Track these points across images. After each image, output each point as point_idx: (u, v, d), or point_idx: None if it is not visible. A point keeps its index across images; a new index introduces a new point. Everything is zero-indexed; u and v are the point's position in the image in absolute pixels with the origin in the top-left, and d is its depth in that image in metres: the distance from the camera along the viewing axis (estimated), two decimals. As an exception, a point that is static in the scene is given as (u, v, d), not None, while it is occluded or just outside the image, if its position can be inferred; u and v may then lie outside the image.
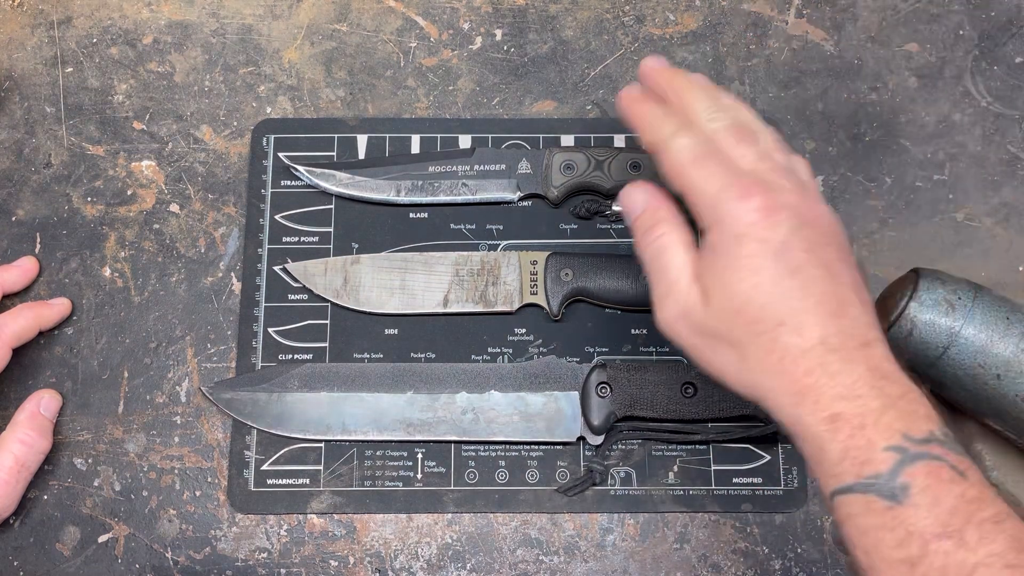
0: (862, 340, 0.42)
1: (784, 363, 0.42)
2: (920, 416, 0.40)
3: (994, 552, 0.37)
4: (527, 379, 0.59)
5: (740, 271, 0.43)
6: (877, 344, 0.42)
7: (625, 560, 0.57)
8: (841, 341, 0.41)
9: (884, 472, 0.39)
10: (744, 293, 0.42)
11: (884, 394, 0.40)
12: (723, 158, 0.45)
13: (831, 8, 0.67)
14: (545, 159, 0.62)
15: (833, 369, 0.41)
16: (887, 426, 0.39)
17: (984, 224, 0.62)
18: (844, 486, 0.40)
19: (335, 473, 0.58)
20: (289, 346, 0.60)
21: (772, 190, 0.43)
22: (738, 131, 0.46)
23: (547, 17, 0.67)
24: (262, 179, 0.63)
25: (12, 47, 0.67)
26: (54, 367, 0.60)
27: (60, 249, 0.62)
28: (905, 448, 0.39)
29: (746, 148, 0.45)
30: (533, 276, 0.60)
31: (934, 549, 0.37)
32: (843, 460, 0.40)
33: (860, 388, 0.40)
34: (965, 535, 0.37)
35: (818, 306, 0.42)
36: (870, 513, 0.39)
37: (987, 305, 0.49)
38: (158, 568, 0.57)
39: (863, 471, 0.39)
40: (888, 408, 0.40)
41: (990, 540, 0.37)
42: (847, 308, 0.42)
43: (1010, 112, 0.64)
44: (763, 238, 0.42)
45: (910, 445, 0.39)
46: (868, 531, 0.39)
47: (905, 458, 0.39)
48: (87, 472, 0.59)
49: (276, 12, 0.67)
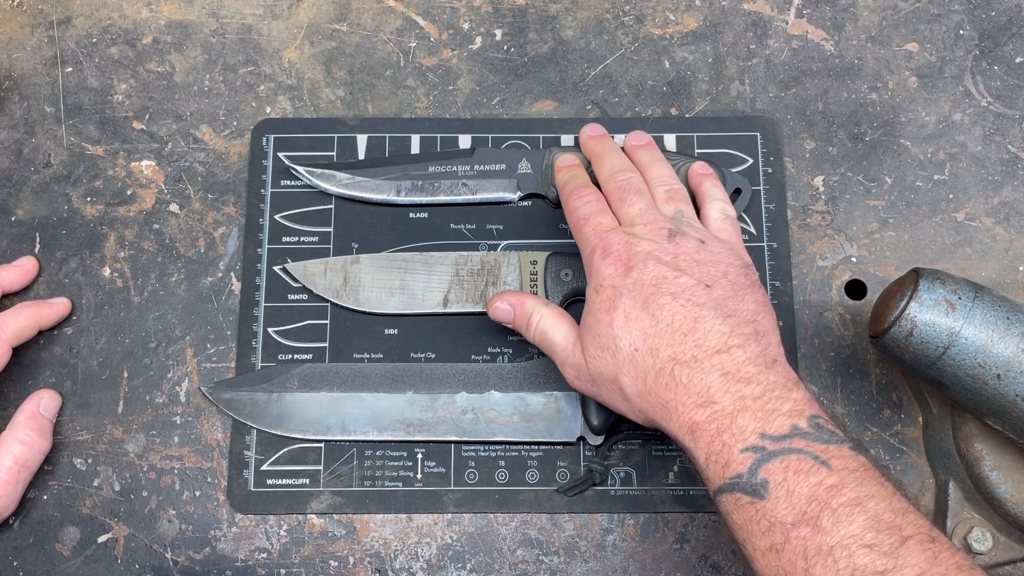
0: (716, 349, 0.46)
1: (647, 383, 0.47)
2: (781, 413, 0.44)
3: (851, 533, 0.40)
4: (527, 379, 0.59)
5: (599, 313, 0.49)
6: (735, 350, 0.46)
7: (625, 560, 0.57)
8: (693, 354, 0.46)
9: (744, 472, 0.43)
10: (605, 332, 0.49)
11: (738, 396, 0.45)
12: (602, 219, 0.53)
13: (831, 8, 0.67)
14: (545, 159, 0.62)
15: (685, 380, 0.46)
16: (742, 428, 0.44)
17: (984, 224, 0.62)
18: (716, 488, 0.44)
19: (335, 473, 0.58)
20: (289, 346, 0.60)
21: (632, 244, 0.50)
22: (627, 190, 0.54)
23: (547, 17, 0.67)
24: (262, 179, 0.63)
25: (12, 47, 0.67)
26: (54, 367, 0.60)
27: (60, 249, 0.62)
28: (762, 447, 0.43)
29: (630, 206, 0.53)
30: (533, 276, 0.60)
31: (794, 536, 0.41)
32: (708, 465, 0.45)
33: (714, 394, 0.45)
34: (820, 521, 0.41)
35: (667, 329, 0.47)
36: (739, 509, 0.43)
37: (987, 305, 0.49)
38: (158, 568, 0.57)
39: (725, 473, 0.44)
40: (742, 411, 0.44)
41: (847, 522, 0.40)
42: (698, 324, 0.47)
43: (1010, 112, 0.64)
44: (615, 284, 0.49)
45: (768, 443, 0.43)
46: (742, 525, 0.43)
47: (762, 457, 0.43)
48: (87, 472, 0.59)
49: (276, 12, 0.67)
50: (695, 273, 0.49)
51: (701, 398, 0.45)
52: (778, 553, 0.41)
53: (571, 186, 0.56)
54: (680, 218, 0.53)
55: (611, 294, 0.49)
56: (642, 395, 0.48)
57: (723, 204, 0.56)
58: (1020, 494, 0.53)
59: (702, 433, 0.45)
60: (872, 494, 0.41)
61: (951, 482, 0.56)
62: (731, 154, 0.63)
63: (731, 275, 0.50)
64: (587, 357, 0.50)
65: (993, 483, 0.54)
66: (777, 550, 0.41)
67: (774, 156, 0.63)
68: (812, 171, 0.63)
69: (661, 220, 0.52)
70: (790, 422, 0.44)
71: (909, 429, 0.59)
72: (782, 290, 0.61)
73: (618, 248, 0.50)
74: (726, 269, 0.50)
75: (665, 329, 0.47)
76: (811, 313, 0.61)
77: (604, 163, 0.57)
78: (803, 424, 0.44)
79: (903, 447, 0.58)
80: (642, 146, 0.59)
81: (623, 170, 0.56)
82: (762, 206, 0.62)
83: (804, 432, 0.43)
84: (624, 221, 0.53)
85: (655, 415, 0.47)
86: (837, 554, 0.40)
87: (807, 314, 0.61)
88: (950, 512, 0.56)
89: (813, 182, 0.63)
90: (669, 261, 0.50)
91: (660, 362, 0.47)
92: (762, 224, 0.62)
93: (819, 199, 0.63)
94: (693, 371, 0.46)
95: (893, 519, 0.40)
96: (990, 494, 0.54)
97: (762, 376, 0.45)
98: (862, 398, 0.59)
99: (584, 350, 0.50)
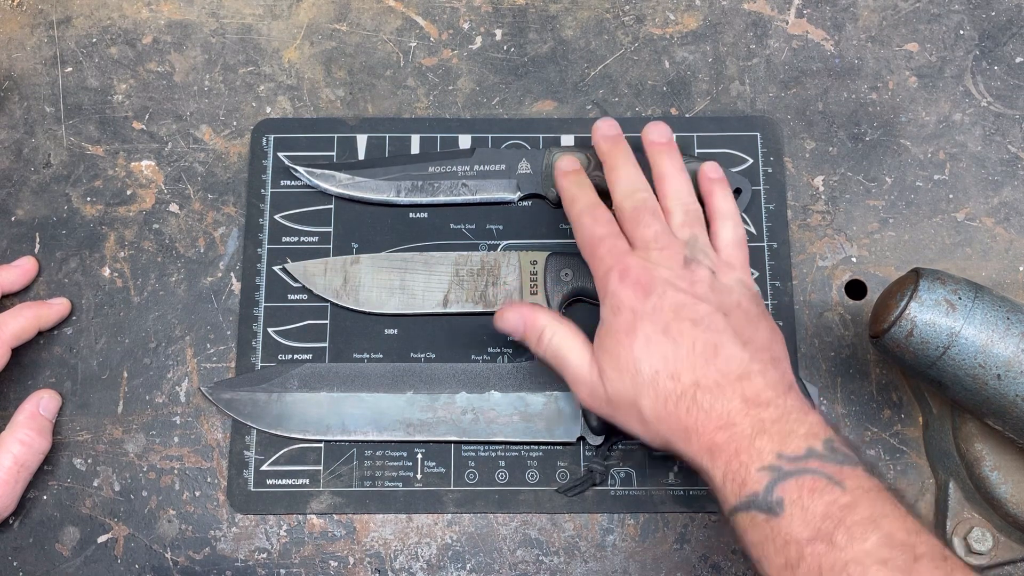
0: (737, 375, 0.47)
1: (668, 407, 0.48)
2: (798, 436, 0.45)
3: (865, 550, 0.41)
4: (527, 379, 0.59)
5: (618, 335, 0.50)
6: (755, 376, 0.47)
7: (625, 560, 0.57)
8: (715, 380, 0.47)
9: (760, 491, 0.44)
10: (624, 355, 0.49)
11: (757, 420, 0.46)
12: (616, 241, 0.53)
13: (831, 8, 0.67)
14: (545, 159, 0.62)
15: (706, 405, 0.47)
16: (759, 449, 0.45)
17: (984, 224, 0.62)
18: (732, 507, 0.45)
19: (335, 473, 0.58)
20: (289, 346, 0.60)
21: (650, 269, 0.51)
22: (642, 212, 0.54)
23: (547, 17, 0.67)
24: (262, 179, 0.63)
25: (12, 47, 0.67)
26: (53, 367, 0.60)
27: (59, 249, 0.62)
28: (779, 467, 0.44)
29: (645, 228, 0.53)
30: (533, 276, 0.60)
31: (809, 552, 0.42)
32: (726, 484, 0.45)
33: (734, 417, 0.46)
34: (835, 537, 0.41)
35: (689, 354, 0.48)
36: (755, 527, 0.44)
37: (987, 305, 0.49)
38: (158, 568, 0.57)
39: (742, 491, 0.45)
40: (760, 433, 0.45)
41: (861, 540, 0.41)
42: (720, 351, 0.48)
43: (1010, 112, 0.64)
44: (635, 308, 0.50)
45: (784, 463, 0.44)
46: (757, 543, 0.44)
47: (778, 476, 0.44)
48: (87, 472, 0.59)
49: (276, 12, 0.67)
50: (712, 301, 0.50)
51: (722, 421, 0.46)
52: (793, 570, 0.42)
53: (582, 204, 0.56)
54: (695, 245, 0.53)
55: (630, 318, 0.50)
56: (661, 419, 0.48)
57: (734, 224, 0.56)
58: (1020, 494, 0.53)
59: (720, 453, 0.46)
60: (886, 513, 0.42)
61: (951, 482, 0.56)
62: (731, 154, 0.63)
63: (744, 305, 0.51)
64: (605, 379, 0.50)
65: (993, 483, 0.54)
66: (792, 567, 0.42)
67: (774, 156, 0.63)
68: (812, 171, 0.63)
69: (676, 245, 0.52)
70: (806, 444, 0.45)
71: (909, 429, 0.59)
72: (782, 290, 0.61)
73: (636, 273, 0.51)
74: (739, 299, 0.51)
75: (687, 355, 0.48)
76: (811, 313, 0.61)
77: (620, 178, 0.56)
78: (818, 446, 0.45)
79: (903, 447, 0.58)
80: (663, 147, 0.57)
81: (639, 189, 0.55)
82: (762, 206, 0.62)
83: (819, 454, 0.44)
84: (638, 243, 0.53)
85: (673, 438, 0.48)
86: (852, 569, 0.40)
87: (807, 314, 0.61)
88: (950, 512, 0.56)
89: (813, 182, 0.63)
90: (686, 288, 0.50)
91: (682, 387, 0.48)
92: (762, 224, 0.62)
93: (819, 199, 0.63)
94: (715, 397, 0.47)
95: (907, 538, 0.41)
96: (990, 494, 0.54)
97: (780, 400, 0.47)
98: (862, 398, 0.59)
99: (601, 371, 0.50)
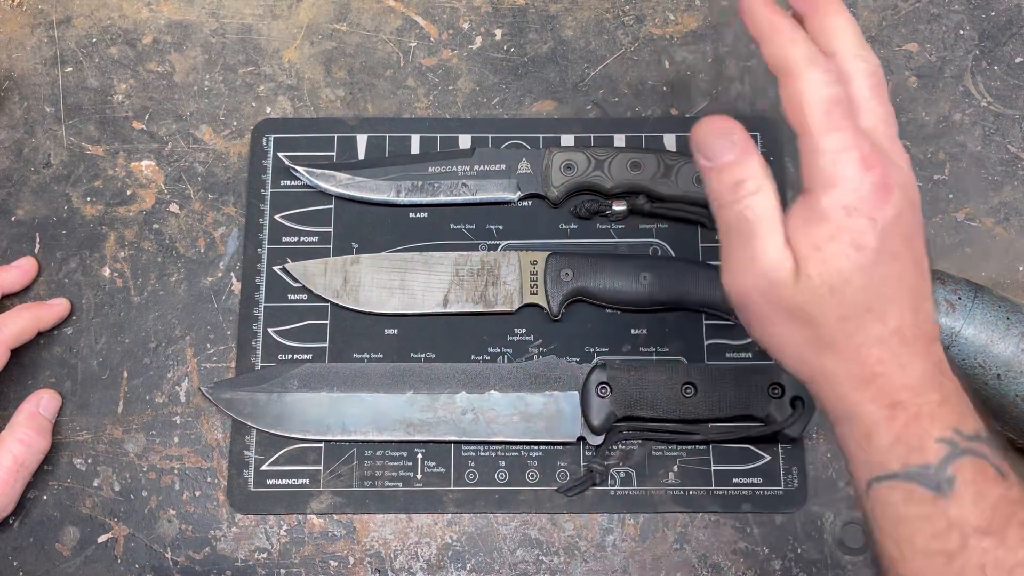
0: (931, 335, 0.41)
1: (860, 349, 0.40)
2: (969, 414, 0.40)
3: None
4: (527, 379, 0.59)
5: (844, 245, 0.40)
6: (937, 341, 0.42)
7: (625, 560, 0.57)
8: (914, 335, 0.40)
9: (933, 463, 0.39)
10: (843, 272, 0.40)
11: (943, 389, 0.40)
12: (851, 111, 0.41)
13: (831, 8, 0.66)
14: (545, 159, 0.62)
15: (903, 360, 0.40)
16: (942, 419, 0.39)
17: (984, 224, 0.62)
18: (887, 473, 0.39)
19: (335, 473, 0.58)
20: (289, 346, 0.60)
21: (889, 164, 0.41)
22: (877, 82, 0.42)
23: (547, 17, 0.67)
24: (262, 179, 0.63)
25: (12, 47, 0.67)
26: (53, 367, 0.60)
27: (59, 249, 0.62)
28: (955, 442, 0.39)
29: (876, 105, 0.42)
30: (533, 276, 0.60)
31: (973, 544, 0.37)
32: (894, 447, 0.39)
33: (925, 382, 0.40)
34: (1006, 534, 0.37)
35: (904, 297, 0.40)
36: (911, 502, 0.39)
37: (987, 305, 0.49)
38: (158, 568, 0.57)
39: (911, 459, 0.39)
40: (944, 402, 0.39)
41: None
42: (923, 302, 0.41)
43: (1010, 112, 0.64)
44: (872, 216, 0.40)
45: (960, 440, 0.39)
46: (905, 521, 0.39)
47: (954, 451, 0.39)
48: (86, 472, 0.59)
49: (276, 12, 0.67)
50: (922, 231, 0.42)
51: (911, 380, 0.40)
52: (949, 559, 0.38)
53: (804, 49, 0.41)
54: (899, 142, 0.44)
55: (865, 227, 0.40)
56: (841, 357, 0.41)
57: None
58: (1020, 494, 0.53)
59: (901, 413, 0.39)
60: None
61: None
62: (731, 154, 0.63)
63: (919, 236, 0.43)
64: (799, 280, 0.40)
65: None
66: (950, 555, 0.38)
67: (774, 156, 0.63)
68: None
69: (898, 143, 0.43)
70: (976, 425, 0.40)
71: (909, 429, 0.59)
72: (782, 290, 0.61)
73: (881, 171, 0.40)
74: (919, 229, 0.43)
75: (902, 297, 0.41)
76: (811, 313, 0.61)
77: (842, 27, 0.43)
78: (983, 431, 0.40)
79: (903, 447, 0.58)
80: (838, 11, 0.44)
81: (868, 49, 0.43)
82: (762, 206, 0.62)
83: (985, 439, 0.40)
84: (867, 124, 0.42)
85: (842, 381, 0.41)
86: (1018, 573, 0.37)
87: (807, 314, 0.61)
88: (950, 512, 0.56)
89: (813, 182, 0.63)
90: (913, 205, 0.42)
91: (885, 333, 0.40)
92: (762, 224, 0.62)
93: (819, 199, 0.63)
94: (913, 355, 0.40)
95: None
96: (990, 494, 0.54)
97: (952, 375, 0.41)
98: (862, 398, 0.59)
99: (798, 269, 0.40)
